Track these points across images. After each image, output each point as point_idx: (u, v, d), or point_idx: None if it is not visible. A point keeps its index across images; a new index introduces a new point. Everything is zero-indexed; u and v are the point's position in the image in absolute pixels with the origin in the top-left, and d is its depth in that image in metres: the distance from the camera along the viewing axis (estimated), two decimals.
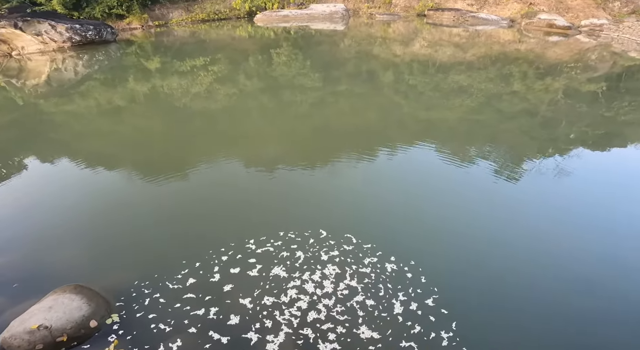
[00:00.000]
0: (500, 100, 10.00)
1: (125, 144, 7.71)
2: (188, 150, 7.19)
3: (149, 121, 9.11)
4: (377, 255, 4.26)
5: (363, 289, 3.86)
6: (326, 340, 3.32)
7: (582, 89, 11.16)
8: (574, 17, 19.90)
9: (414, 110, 9.52)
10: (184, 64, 13.28)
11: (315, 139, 7.81)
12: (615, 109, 9.51)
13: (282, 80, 11.67)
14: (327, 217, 4.96)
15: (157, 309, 3.59)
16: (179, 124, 8.59)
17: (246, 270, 4.07)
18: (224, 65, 13.24)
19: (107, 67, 13.74)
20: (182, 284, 3.87)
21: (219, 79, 11.71)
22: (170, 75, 12.19)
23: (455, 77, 11.75)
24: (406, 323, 3.48)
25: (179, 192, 5.67)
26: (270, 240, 4.49)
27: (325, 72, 12.46)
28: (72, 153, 7.13)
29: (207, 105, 9.69)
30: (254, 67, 13.06)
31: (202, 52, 14.80)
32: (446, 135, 7.92)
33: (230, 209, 5.23)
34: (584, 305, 3.76)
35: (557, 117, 8.97)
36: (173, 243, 4.49)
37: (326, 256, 4.25)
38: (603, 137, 8.16)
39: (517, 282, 3.99)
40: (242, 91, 10.81)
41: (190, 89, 10.98)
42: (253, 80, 11.75)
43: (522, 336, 3.40)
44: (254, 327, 3.42)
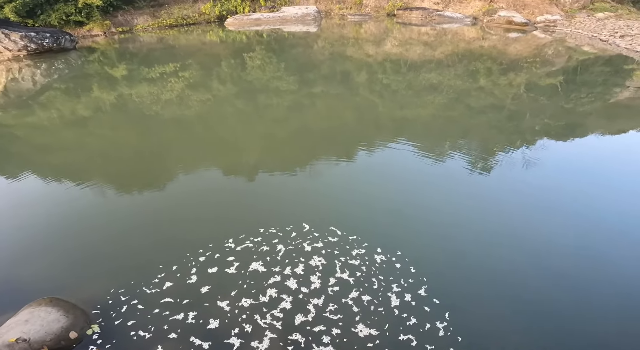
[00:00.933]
0: (468, 96, 10.42)
1: (94, 154, 7.32)
2: (161, 157, 6.95)
3: (118, 131, 8.71)
4: (364, 247, 4.27)
5: (356, 283, 3.81)
6: (320, 344, 3.21)
7: (542, 82, 11.84)
8: (530, 13, 21.18)
9: (388, 109, 9.69)
10: (153, 71, 12.83)
11: (293, 141, 7.77)
12: (573, 101, 10.14)
13: (256, 84, 11.54)
14: (309, 212, 4.94)
15: (136, 316, 3.47)
16: (151, 132, 8.27)
17: (224, 268, 3.99)
18: (195, 71, 12.91)
19: (68, 75, 13.00)
20: (159, 288, 3.76)
21: (191, 85, 11.40)
22: (138, 82, 11.72)
23: (426, 75, 12.14)
24: (402, 315, 3.47)
25: (153, 199, 5.47)
26: (250, 238, 4.42)
27: (300, 74, 12.46)
28: (37, 166, 6.71)
29: (180, 112, 9.40)
30: (227, 72, 12.84)
31: (171, 58, 14.36)
32: (421, 132, 8.15)
33: (209, 212, 5.11)
34: (569, 288, 3.88)
35: (522, 111, 9.42)
36: (149, 249, 4.34)
37: (310, 247, 4.20)
38: (564, 128, 8.67)
39: (498, 268, 4.12)
40: (216, 96, 10.59)
41: (161, 96, 10.60)
42: (227, 85, 11.55)
43: (512, 321, 3.49)
44: (233, 332, 3.33)
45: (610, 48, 15.85)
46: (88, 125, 8.95)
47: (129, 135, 8.32)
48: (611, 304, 3.73)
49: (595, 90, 11.08)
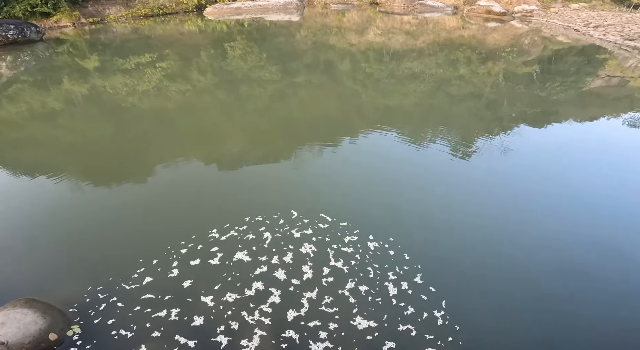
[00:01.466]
0: (449, 84, 10.54)
1: (66, 148, 6.96)
2: (138, 149, 6.67)
3: (92, 123, 8.30)
4: (356, 234, 4.18)
5: (351, 272, 3.66)
6: (317, 340, 3.01)
7: (519, 71, 12.10)
8: (508, 3, 21.55)
9: (372, 97, 9.68)
10: (128, 62, 12.24)
11: (277, 131, 7.62)
12: (548, 90, 10.41)
13: (238, 74, 11.24)
14: (297, 199, 4.83)
15: (116, 314, 3.31)
16: (127, 124, 7.93)
17: (207, 260, 3.82)
18: (173, 62, 12.42)
19: (36, 68, 12.23)
20: (139, 284, 3.58)
21: (169, 76, 10.97)
22: (111, 74, 11.17)
23: (408, 64, 12.18)
24: (400, 305, 3.39)
25: (131, 192, 5.25)
26: (235, 227, 4.25)
27: (283, 64, 12.22)
28: (5, 162, 6.29)
29: (159, 104, 9.04)
30: (207, 62, 12.42)
31: (147, 48, 13.74)
32: (404, 120, 8.19)
33: (191, 203, 4.94)
34: (562, 270, 3.88)
35: (500, 99, 9.64)
36: (127, 243, 4.15)
37: (299, 234, 4.03)
38: (540, 115, 8.90)
39: (489, 252, 4.11)
40: (196, 87, 10.24)
41: (137, 87, 10.16)
42: (207, 75, 11.18)
43: (507, 307, 3.47)
44: (219, 329, 3.17)
45: (584, 38, 16.36)
46: (60, 118, 8.48)
47: (104, 127, 7.95)
48: (603, 280, 3.76)
49: (569, 79, 11.41)
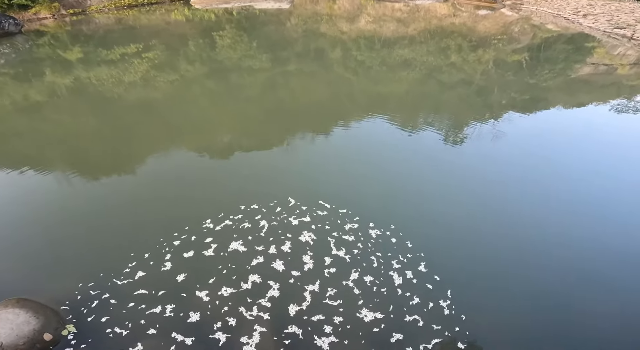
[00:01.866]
0: (440, 72, 10.49)
1: (51, 141, 6.70)
2: (127, 141, 6.46)
3: (79, 115, 7.99)
4: (357, 221, 4.07)
5: (354, 262, 3.53)
6: (321, 335, 2.87)
7: (509, 59, 12.10)
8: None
9: (363, 85, 9.59)
10: (112, 53, 11.76)
11: (270, 119, 7.49)
12: (537, 77, 10.43)
13: (227, 63, 10.94)
14: (294, 187, 4.69)
15: (109, 311, 3.20)
16: (114, 116, 7.66)
17: (201, 251, 3.68)
18: (160, 52, 11.99)
19: (16, 60, 11.66)
20: (131, 279, 3.46)
21: (156, 66, 10.60)
22: (96, 65, 10.73)
23: (400, 52, 12.05)
24: (405, 294, 3.29)
25: (120, 185, 5.10)
26: (230, 216, 4.11)
27: (273, 52, 11.94)
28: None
29: (146, 94, 8.75)
30: (195, 52, 12.03)
31: (132, 39, 13.21)
32: (396, 107, 8.13)
33: (183, 194, 4.81)
34: (565, 257, 3.84)
35: (490, 86, 9.64)
36: (117, 237, 4.02)
37: (297, 221, 3.87)
38: (529, 102, 8.94)
39: (489, 239, 4.08)
40: (184, 77, 9.95)
41: (123, 78, 9.81)
42: (195, 65, 10.85)
43: (511, 295, 3.41)
44: (216, 326, 3.03)
45: (573, 26, 16.39)
46: (44, 111, 8.14)
47: (91, 119, 7.66)
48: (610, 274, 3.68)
49: (557, 67, 11.46)
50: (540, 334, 3.10)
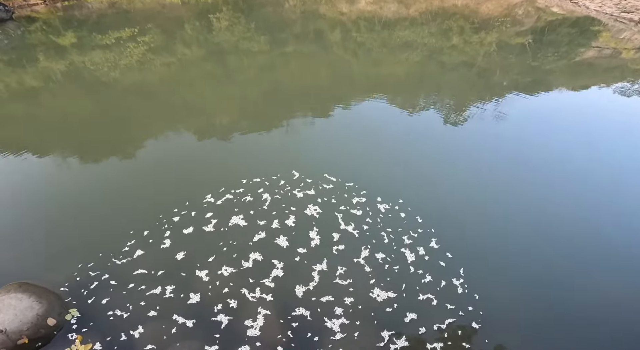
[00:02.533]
0: (441, 53, 10.20)
1: (49, 126, 6.50)
2: (124, 123, 6.29)
3: (74, 100, 7.74)
4: (364, 195, 3.89)
5: (364, 237, 3.34)
6: (332, 316, 2.68)
7: (512, 42, 11.76)
8: None
9: (364, 66, 9.34)
10: (107, 37, 11.32)
11: (269, 101, 7.30)
12: (540, 60, 10.20)
13: (225, 45, 10.56)
14: (298, 160, 4.51)
15: (109, 293, 3.09)
16: (111, 99, 7.43)
17: (201, 226, 3.50)
18: (156, 35, 11.55)
19: (9, 46, 11.21)
20: (130, 258, 3.33)
21: (153, 50, 10.24)
22: (90, 49, 10.35)
23: (400, 33, 11.67)
24: (418, 272, 3.15)
25: (120, 166, 4.96)
26: (231, 190, 3.93)
27: (272, 34, 11.54)
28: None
29: (143, 78, 8.47)
30: (192, 35, 11.59)
31: (126, 23, 12.70)
32: (397, 88, 7.93)
33: (184, 172, 4.65)
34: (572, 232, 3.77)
35: (492, 68, 9.41)
36: (115, 216, 3.89)
37: (302, 194, 3.69)
38: (531, 84, 8.74)
39: (498, 213, 3.96)
40: (182, 60, 9.63)
41: (119, 62, 9.48)
42: (192, 48, 10.47)
43: (523, 272, 3.29)
44: (216, 308, 2.87)
45: (579, 10, 15.87)
46: (39, 96, 7.87)
47: (87, 103, 7.42)
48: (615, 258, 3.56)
49: (561, 50, 11.21)
50: (554, 313, 3.01)
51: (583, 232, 3.88)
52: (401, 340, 2.63)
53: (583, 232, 3.88)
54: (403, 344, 2.60)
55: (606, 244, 3.75)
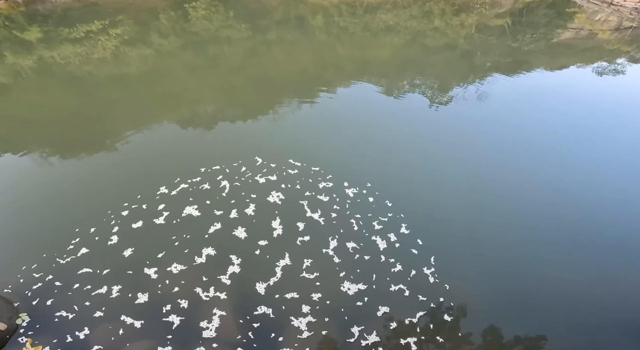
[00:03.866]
0: (424, 36, 9.90)
1: (12, 123, 5.89)
2: (86, 119, 5.84)
3: (45, 95, 7.17)
4: (330, 179, 3.63)
5: (331, 225, 3.07)
6: (298, 315, 2.43)
7: (491, 23, 11.50)
8: None
9: (347, 51, 8.97)
10: (75, 31, 10.56)
11: (250, 87, 6.92)
12: (520, 41, 10.04)
13: (204, 35, 9.96)
14: (262, 147, 4.17)
15: (54, 294, 2.82)
16: (86, 93, 6.96)
17: (152, 219, 3.16)
18: (129, 27, 10.84)
19: None
20: (74, 256, 3.02)
21: (127, 42, 9.62)
22: (58, 44, 9.67)
23: (383, 17, 11.24)
24: (389, 261, 2.95)
25: (69, 163, 4.53)
26: (187, 180, 3.57)
27: (252, 21, 10.95)
28: None
29: (118, 70, 7.95)
30: (167, 25, 10.88)
31: (95, 16, 11.86)
32: (381, 71, 7.61)
33: (139, 166, 4.24)
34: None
35: (473, 50, 9.20)
36: (62, 215, 3.53)
37: (264, 179, 3.41)
38: (512, 65, 8.58)
39: (467, 197, 3.79)
40: (159, 51, 9.05)
41: (92, 55, 8.88)
42: (170, 38, 9.84)
43: (489, 262, 3.16)
44: (165, 308, 2.59)
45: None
46: (8, 93, 7.21)
47: (59, 98, 6.87)
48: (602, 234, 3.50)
49: (539, 31, 11.11)
50: (524, 303, 2.88)
51: (554, 217, 3.75)
52: (372, 336, 2.38)
53: (554, 217, 3.75)
54: (374, 340, 2.35)
55: (586, 227, 3.61)
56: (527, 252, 3.25)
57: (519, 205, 3.75)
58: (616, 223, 3.61)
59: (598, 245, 3.36)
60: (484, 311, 2.76)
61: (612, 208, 3.78)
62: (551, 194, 3.96)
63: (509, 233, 3.42)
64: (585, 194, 4.07)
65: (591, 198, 3.98)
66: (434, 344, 2.47)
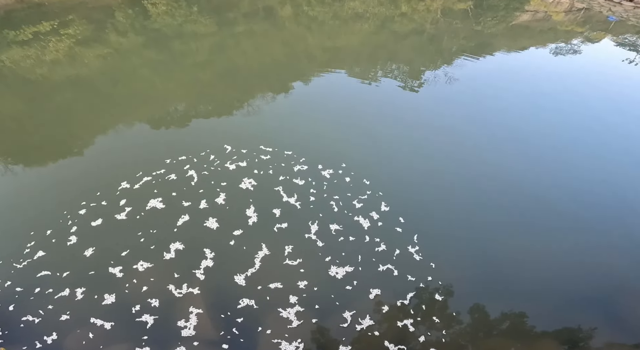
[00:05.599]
0: (393, 22, 9.91)
1: None
2: (48, 120, 5.39)
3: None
4: (304, 162, 3.46)
5: (309, 209, 2.93)
6: (286, 306, 2.25)
7: (455, 7, 11.71)
8: None
9: (318, 40, 8.80)
10: (22, 33, 9.62)
11: (220, 82, 6.62)
12: (482, 24, 10.32)
13: (167, 31, 9.38)
14: (231, 135, 3.91)
15: (15, 299, 2.57)
16: (39, 96, 6.39)
17: (113, 215, 2.89)
18: (82, 26, 10.03)
19: None
20: (31, 259, 2.75)
21: (81, 42, 8.89)
22: (5, 47, 8.77)
23: (351, 4, 11.16)
24: (375, 240, 2.82)
25: (22, 166, 4.11)
26: (151, 172, 3.28)
27: (218, 15, 10.48)
28: None
29: (75, 71, 7.31)
30: (125, 23, 10.15)
31: (42, 16, 10.86)
32: (352, 59, 7.52)
33: (98, 163, 3.86)
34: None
35: (440, 34, 9.32)
36: (15, 219, 3.20)
37: (234, 166, 3.17)
38: (476, 47, 8.79)
39: (441, 176, 3.77)
40: (118, 50, 8.43)
41: (44, 57, 8.12)
42: (129, 36, 9.19)
43: (468, 237, 3.11)
44: (134, 309, 2.38)
45: None
46: None
47: (7, 102, 6.21)
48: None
49: (499, 14, 11.39)
50: (505, 278, 2.87)
51: (529, 192, 3.81)
52: (366, 320, 2.26)
53: (529, 192, 3.81)
54: (368, 323, 2.24)
55: (566, 203, 3.70)
56: (503, 229, 3.28)
57: (491, 185, 3.78)
58: (594, 203, 3.67)
59: (576, 225, 3.40)
60: (469, 289, 2.75)
61: (590, 188, 3.86)
62: (527, 174, 4.00)
63: (485, 210, 3.45)
64: (560, 173, 4.12)
65: (566, 177, 4.04)
66: (429, 324, 2.40)
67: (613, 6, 12.44)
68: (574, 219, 3.41)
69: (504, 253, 2.98)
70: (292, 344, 2.03)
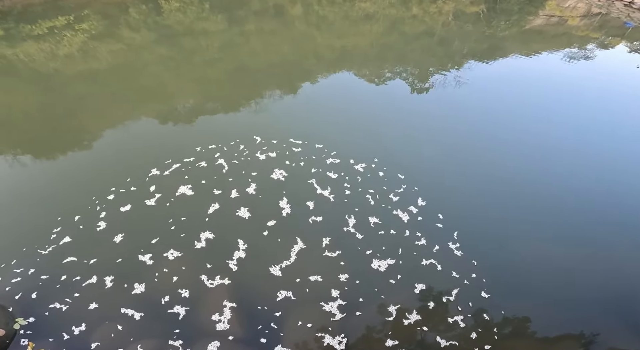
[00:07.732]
0: (403, 24, 9.91)
1: None
2: (67, 112, 5.43)
3: (10, 94, 6.57)
4: (335, 156, 3.41)
5: (344, 202, 2.86)
6: (329, 299, 2.16)
7: (467, 10, 11.69)
8: None
9: (327, 40, 8.82)
10: (38, 27, 9.75)
11: (231, 78, 6.57)
12: (494, 27, 10.31)
13: (178, 27, 9.43)
14: (260, 127, 3.89)
15: (40, 287, 2.45)
16: (53, 89, 6.37)
17: (143, 200, 2.81)
18: (96, 22, 10.12)
19: None
20: (56, 244, 2.64)
21: (95, 37, 8.99)
22: (20, 41, 8.90)
23: (362, 5, 11.17)
24: (416, 234, 2.74)
25: (54, 155, 4.13)
26: (182, 159, 3.23)
27: (229, 12, 10.52)
28: None
29: (87, 66, 7.40)
30: (138, 19, 10.21)
31: (59, 11, 11.01)
32: (362, 59, 7.52)
33: (129, 151, 3.84)
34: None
35: (451, 37, 9.31)
36: (42, 205, 3.12)
37: (264, 156, 3.12)
38: (487, 51, 8.80)
39: (475, 172, 3.71)
40: (130, 45, 8.50)
41: (58, 51, 8.21)
42: (141, 32, 9.25)
43: (513, 233, 3.04)
44: (164, 300, 2.29)
45: None
46: None
47: (23, 96, 6.31)
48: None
49: (512, 18, 11.37)
50: (546, 275, 2.78)
51: (557, 194, 3.72)
52: (413, 315, 2.16)
53: (557, 194, 3.72)
54: (416, 318, 2.14)
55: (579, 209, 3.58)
56: (525, 228, 3.21)
57: (521, 187, 3.70)
58: (607, 201, 3.64)
59: (614, 228, 3.29)
60: (517, 288, 2.65)
61: (607, 186, 3.82)
62: (561, 178, 3.90)
63: (515, 210, 3.36)
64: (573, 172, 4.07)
65: (580, 176, 4.01)
66: (480, 321, 2.29)
67: (632, 12, 12.35)
68: (614, 222, 3.30)
69: (535, 256, 2.91)
70: (335, 338, 1.93)
